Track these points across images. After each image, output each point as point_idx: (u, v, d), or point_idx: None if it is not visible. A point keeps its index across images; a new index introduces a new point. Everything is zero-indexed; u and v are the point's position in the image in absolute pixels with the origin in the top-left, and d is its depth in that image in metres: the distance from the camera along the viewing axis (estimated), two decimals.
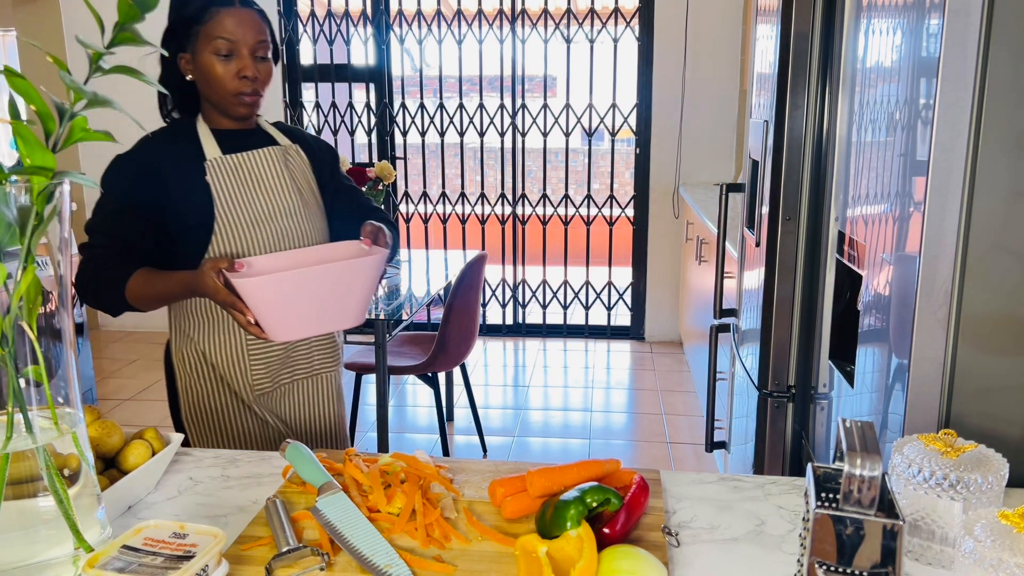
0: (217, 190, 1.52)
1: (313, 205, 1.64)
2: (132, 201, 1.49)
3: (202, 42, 1.47)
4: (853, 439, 0.80)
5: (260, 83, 1.51)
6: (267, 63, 1.52)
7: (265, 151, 1.59)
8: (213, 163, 1.53)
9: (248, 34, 1.47)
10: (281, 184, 1.58)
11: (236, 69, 1.47)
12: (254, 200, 1.55)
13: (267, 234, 1.55)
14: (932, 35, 1.12)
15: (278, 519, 1.00)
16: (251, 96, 1.51)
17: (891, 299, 1.25)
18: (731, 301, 2.41)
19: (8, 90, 0.84)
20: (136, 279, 1.46)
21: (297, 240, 1.59)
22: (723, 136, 4.73)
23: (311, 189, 1.65)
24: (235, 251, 1.52)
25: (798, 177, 1.76)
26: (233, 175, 1.54)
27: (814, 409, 1.77)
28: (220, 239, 1.51)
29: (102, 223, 1.51)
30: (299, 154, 1.65)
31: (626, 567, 0.86)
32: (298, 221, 1.59)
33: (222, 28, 1.46)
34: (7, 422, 0.87)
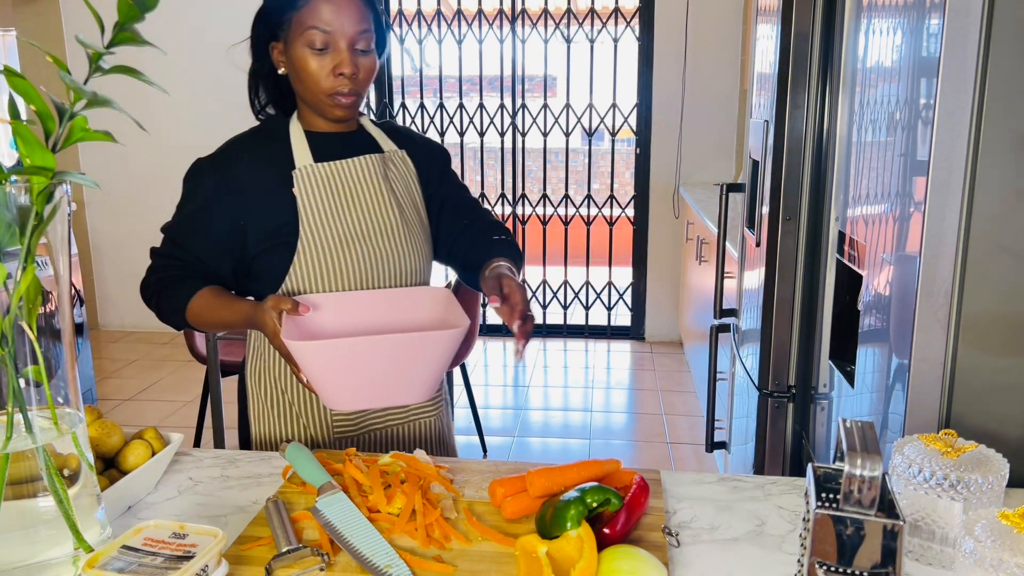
0: (304, 204, 1.33)
1: (415, 222, 1.43)
2: (206, 215, 1.35)
3: (294, 31, 1.29)
4: (853, 439, 0.80)
5: (359, 81, 1.31)
6: (369, 56, 1.31)
7: (363, 160, 1.38)
8: (302, 172, 1.34)
9: (347, 23, 1.27)
10: (378, 198, 1.38)
11: (332, 65, 1.28)
12: (346, 217, 1.35)
13: (358, 256, 1.35)
14: (932, 35, 1.11)
15: (278, 519, 1.00)
16: (347, 96, 1.31)
17: (891, 299, 1.25)
18: (731, 301, 2.41)
19: (8, 90, 0.84)
20: (199, 300, 1.32)
21: (392, 264, 1.38)
22: (723, 136, 4.73)
23: (414, 203, 1.44)
24: (319, 275, 1.33)
25: (798, 177, 1.76)
26: (324, 187, 1.35)
27: (814, 409, 1.77)
28: (303, 261, 1.33)
29: (175, 230, 1.38)
30: (404, 161, 1.45)
31: (626, 567, 0.86)
32: (395, 242, 1.38)
33: (316, 16, 1.26)
34: (7, 422, 0.87)
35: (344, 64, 1.28)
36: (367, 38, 1.30)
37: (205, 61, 4.91)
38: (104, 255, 5.27)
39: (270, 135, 1.39)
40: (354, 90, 1.31)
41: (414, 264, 1.42)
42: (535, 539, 0.91)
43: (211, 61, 4.92)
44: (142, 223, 5.18)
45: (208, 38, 4.89)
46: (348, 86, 1.30)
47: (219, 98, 4.97)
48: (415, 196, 1.45)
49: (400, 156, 1.45)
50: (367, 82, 1.33)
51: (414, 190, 1.45)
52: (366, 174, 1.38)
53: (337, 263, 1.34)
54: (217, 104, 4.98)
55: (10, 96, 0.84)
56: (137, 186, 5.11)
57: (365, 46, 1.30)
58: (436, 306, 1.32)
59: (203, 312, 1.32)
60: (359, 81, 1.31)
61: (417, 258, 1.42)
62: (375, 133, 1.45)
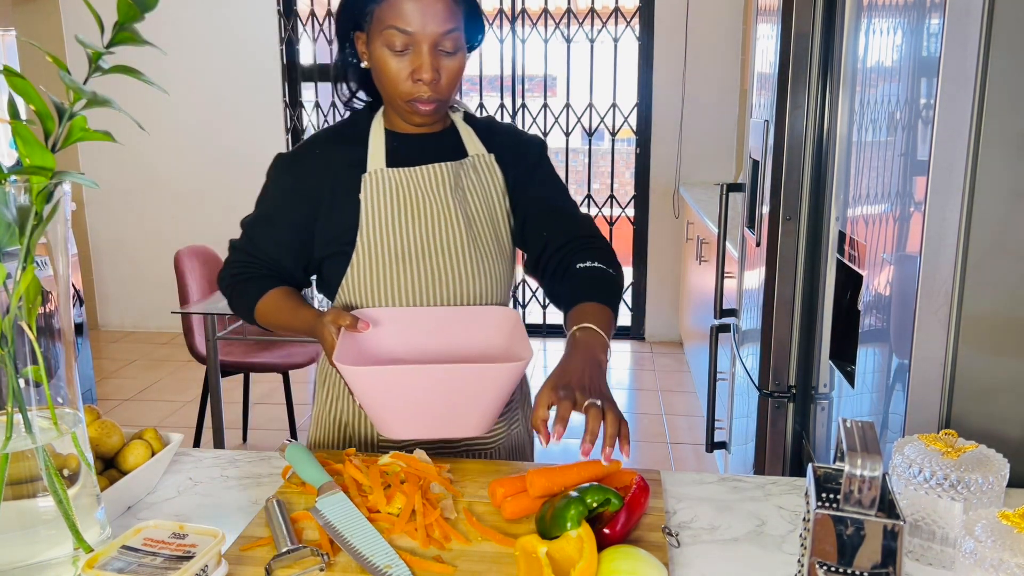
0: (367, 212, 1.25)
1: (487, 240, 1.30)
2: (279, 214, 1.30)
3: (375, 26, 1.18)
4: (854, 439, 0.80)
5: (441, 87, 1.20)
6: (455, 58, 1.19)
7: (435, 168, 1.27)
8: (371, 177, 1.26)
9: (431, 23, 1.14)
10: (443, 212, 1.26)
11: (411, 68, 1.17)
12: (407, 230, 1.25)
13: (414, 274, 1.26)
14: (933, 35, 1.11)
15: (278, 519, 0.99)
16: (427, 104, 1.20)
17: (891, 299, 1.25)
18: (731, 301, 2.41)
19: (8, 90, 0.84)
20: (267, 301, 1.29)
21: (452, 285, 1.28)
22: (723, 136, 4.73)
23: (491, 218, 1.31)
24: (371, 290, 1.27)
25: (798, 177, 1.76)
26: (390, 195, 1.25)
27: (814, 409, 1.77)
28: (356, 273, 1.27)
29: (252, 226, 1.33)
30: (489, 168, 1.32)
31: (626, 567, 0.86)
32: (457, 261, 1.27)
33: (397, 14, 1.14)
34: (7, 422, 0.87)
35: (424, 69, 1.17)
36: (454, 38, 1.18)
37: (205, 61, 4.91)
38: (104, 255, 5.27)
39: (351, 132, 1.31)
40: (434, 97, 1.20)
41: (480, 287, 1.29)
42: (535, 539, 0.91)
43: (211, 61, 4.92)
44: (142, 223, 5.19)
45: (208, 38, 4.90)
46: (428, 92, 1.19)
47: (219, 98, 4.97)
48: (495, 209, 1.32)
49: (486, 161, 1.32)
50: (451, 86, 1.22)
51: (495, 201, 1.32)
52: (434, 184, 1.27)
53: (391, 279, 1.26)
54: (217, 104, 4.99)
55: (10, 96, 0.84)
56: (137, 186, 5.11)
57: (451, 47, 1.18)
58: (501, 330, 1.24)
59: (270, 314, 1.30)
60: (440, 87, 1.20)
61: (484, 280, 1.30)
62: (464, 134, 1.33)
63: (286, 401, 3.48)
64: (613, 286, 1.23)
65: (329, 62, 4.91)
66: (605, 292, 1.21)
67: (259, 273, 1.32)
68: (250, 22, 4.87)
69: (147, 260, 5.19)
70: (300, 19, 4.91)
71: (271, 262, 1.32)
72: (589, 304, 1.18)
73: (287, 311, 1.28)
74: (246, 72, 4.92)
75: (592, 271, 1.23)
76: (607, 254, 1.27)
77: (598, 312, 1.16)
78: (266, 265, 1.32)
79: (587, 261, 1.24)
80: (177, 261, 3.22)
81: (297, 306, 1.28)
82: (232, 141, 5.00)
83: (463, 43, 1.20)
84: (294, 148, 1.32)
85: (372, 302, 1.29)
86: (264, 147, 5.01)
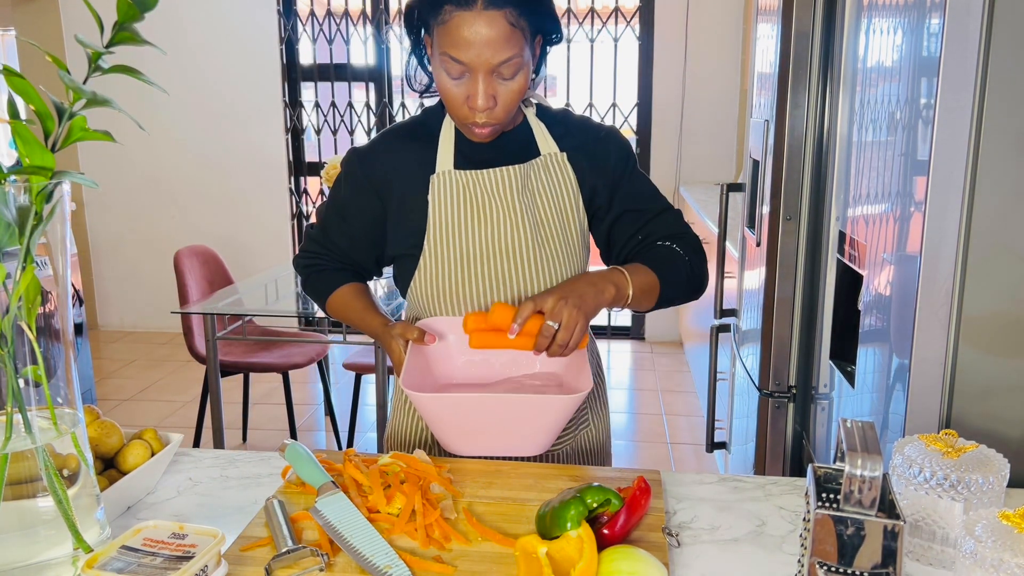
0: (435, 214, 1.24)
1: (555, 243, 1.27)
2: (350, 209, 1.30)
3: (436, 45, 1.14)
4: (854, 439, 0.80)
5: (496, 112, 1.16)
6: (513, 82, 1.15)
7: (502, 172, 1.24)
8: (440, 179, 1.24)
9: (485, 52, 1.09)
10: (510, 215, 1.24)
11: (467, 94, 1.14)
12: (472, 232, 1.24)
13: (478, 277, 1.25)
14: (933, 35, 1.11)
15: (277, 520, 0.99)
16: (482, 128, 1.18)
17: (892, 299, 1.25)
18: (731, 301, 2.41)
19: (7, 90, 0.84)
20: (338, 297, 1.33)
21: (516, 288, 1.26)
22: (723, 136, 4.73)
23: (562, 220, 1.28)
24: (438, 293, 1.27)
25: (799, 177, 1.76)
26: (457, 197, 1.24)
27: (815, 409, 1.77)
28: (424, 276, 1.27)
29: (326, 218, 1.34)
30: (562, 168, 1.28)
31: (626, 568, 0.86)
32: (522, 263, 1.25)
33: (451, 42, 1.10)
34: (6, 422, 0.87)
35: (476, 97, 1.13)
36: (514, 64, 1.12)
37: (205, 60, 4.91)
38: (103, 255, 5.27)
39: (421, 131, 1.29)
40: (488, 122, 1.17)
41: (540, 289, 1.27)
42: (535, 539, 0.91)
43: (211, 60, 4.92)
44: (142, 223, 5.19)
45: (208, 37, 4.89)
46: (483, 118, 1.16)
47: (219, 98, 4.97)
48: (566, 210, 1.28)
49: (558, 161, 1.28)
50: (508, 110, 1.17)
51: (566, 203, 1.28)
52: (501, 187, 1.25)
53: (457, 283, 1.26)
54: (217, 104, 4.99)
55: (9, 96, 0.84)
56: (136, 186, 5.11)
57: (509, 73, 1.13)
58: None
59: (339, 311, 1.35)
60: (496, 113, 1.16)
61: (550, 283, 1.27)
62: (538, 132, 1.29)
63: (286, 401, 3.48)
64: (674, 264, 1.23)
65: (329, 62, 4.93)
66: (661, 262, 1.22)
67: (332, 265, 1.36)
68: (250, 22, 4.87)
69: (147, 260, 5.19)
70: (300, 19, 4.91)
71: (343, 254, 1.35)
72: (640, 264, 1.21)
73: (356, 312, 1.32)
74: (246, 72, 4.92)
75: (663, 248, 1.26)
76: (690, 245, 1.28)
77: (642, 270, 1.18)
78: (338, 257, 1.35)
79: (666, 242, 1.27)
80: (177, 261, 3.22)
81: (365, 309, 1.32)
82: (232, 141, 5.00)
83: (525, 63, 1.15)
84: (368, 143, 1.32)
85: (439, 305, 1.29)
86: (264, 147, 5.02)
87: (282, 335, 3.42)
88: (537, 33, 1.18)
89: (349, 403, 3.48)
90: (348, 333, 2.97)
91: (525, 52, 1.14)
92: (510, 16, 1.09)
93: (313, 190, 5.19)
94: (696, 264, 1.27)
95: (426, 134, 1.29)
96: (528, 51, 1.15)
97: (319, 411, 3.97)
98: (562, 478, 1.15)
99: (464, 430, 1.15)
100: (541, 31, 1.19)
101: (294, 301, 3.16)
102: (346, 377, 4.23)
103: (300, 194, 5.15)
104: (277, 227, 5.12)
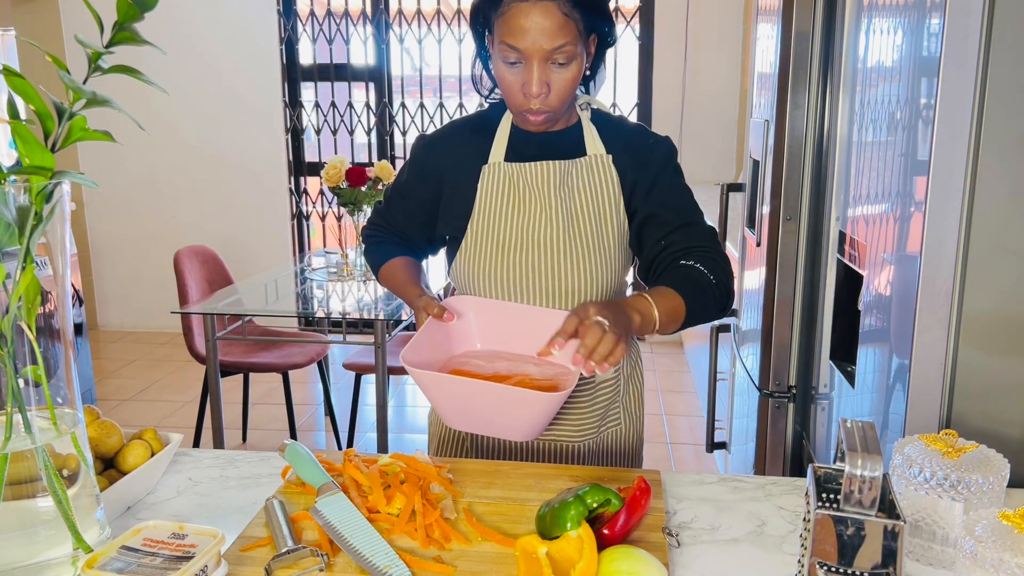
0: (480, 202, 1.32)
1: (588, 237, 1.30)
2: (410, 190, 1.41)
3: (496, 34, 1.21)
4: (854, 439, 0.80)
5: (551, 100, 1.22)
6: (568, 69, 1.20)
7: (543, 165, 1.30)
8: (490, 170, 1.32)
9: (540, 39, 1.16)
10: (545, 208, 1.30)
11: (522, 81, 1.20)
12: (510, 221, 1.31)
13: (511, 265, 1.31)
14: (933, 35, 1.11)
15: (277, 520, 0.99)
16: (536, 115, 1.24)
17: (892, 299, 1.25)
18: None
19: (8, 90, 0.84)
20: (389, 268, 1.43)
21: (545, 278, 1.31)
22: (724, 136, 4.73)
23: (597, 216, 1.31)
24: (474, 276, 1.34)
25: (799, 177, 1.76)
26: (502, 188, 1.32)
27: (815, 409, 1.77)
28: (464, 259, 1.34)
29: (390, 195, 1.46)
30: (605, 168, 1.31)
31: (626, 568, 0.86)
32: (553, 255, 1.30)
33: (509, 30, 1.17)
34: (6, 422, 0.87)
35: (531, 83, 1.19)
36: (567, 52, 1.18)
37: (205, 60, 4.91)
38: (103, 255, 5.27)
39: (483, 125, 1.37)
40: (543, 109, 1.23)
41: (575, 283, 1.31)
42: (535, 539, 0.91)
43: (211, 60, 4.92)
44: (142, 223, 5.19)
45: (208, 37, 4.89)
46: (537, 105, 1.22)
47: (219, 97, 4.97)
48: (607, 210, 1.31)
49: (602, 162, 1.31)
50: (563, 98, 1.23)
51: (607, 203, 1.31)
52: (540, 180, 1.30)
53: (492, 269, 1.32)
54: (217, 104, 4.99)
55: (9, 96, 0.84)
56: (136, 186, 5.11)
57: (564, 59, 1.19)
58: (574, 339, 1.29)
59: (387, 279, 1.45)
60: (550, 100, 1.22)
61: (580, 278, 1.31)
62: (588, 133, 1.34)
63: (286, 401, 3.48)
64: (700, 286, 1.20)
65: (329, 62, 4.93)
66: (686, 285, 1.19)
67: (390, 239, 1.47)
68: (250, 22, 4.87)
69: (147, 260, 5.19)
70: (300, 19, 4.91)
71: (400, 229, 1.46)
72: (664, 288, 1.19)
73: (400, 282, 1.41)
74: (246, 72, 4.92)
75: (687, 268, 1.23)
76: (715, 263, 1.24)
77: (667, 294, 1.17)
78: (396, 231, 1.46)
79: (689, 261, 1.24)
80: (177, 261, 3.22)
81: (408, 280, 1.40)
82: (232, 141, 5.00)
83: (579, 53, 1.20)
84: (437, 130, 1.42)
85: (475, 285, 1.36)
86: (264, 147, 5.02)
87: (282, 335, 3.42)
88: (591, 31, 1.23)
89: (349, 403, 3.48)
90: (348, 333, 2.97)
91: (578, 43, 1.20)
92: (563, 7, 1.17)
93: (313, 190, 5.18)
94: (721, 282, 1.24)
95: (486, 127, 1.36)
96: (581, 44, 1.21)
97: (319, 411, 3.97)
98: (562, 478, 1.15)
99: (454, 408, 1.20)
100: (595, 29, 1.24)
101: (294, 301, 3.15)
102: (346, 377, 4.23)
103: (300, 194, 5.15)
104: (277, 227, 5.12)
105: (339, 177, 3.18)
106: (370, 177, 3.23)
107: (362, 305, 3.02)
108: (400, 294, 1.43)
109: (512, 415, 1.15)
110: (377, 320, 2.79)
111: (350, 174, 3.17)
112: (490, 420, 1.20)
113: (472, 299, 1.34)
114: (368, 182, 3.23)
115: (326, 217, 5.12)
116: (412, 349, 1.20)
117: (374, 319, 2.80)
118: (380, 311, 2.82)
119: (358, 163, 4.04)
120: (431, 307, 1.27)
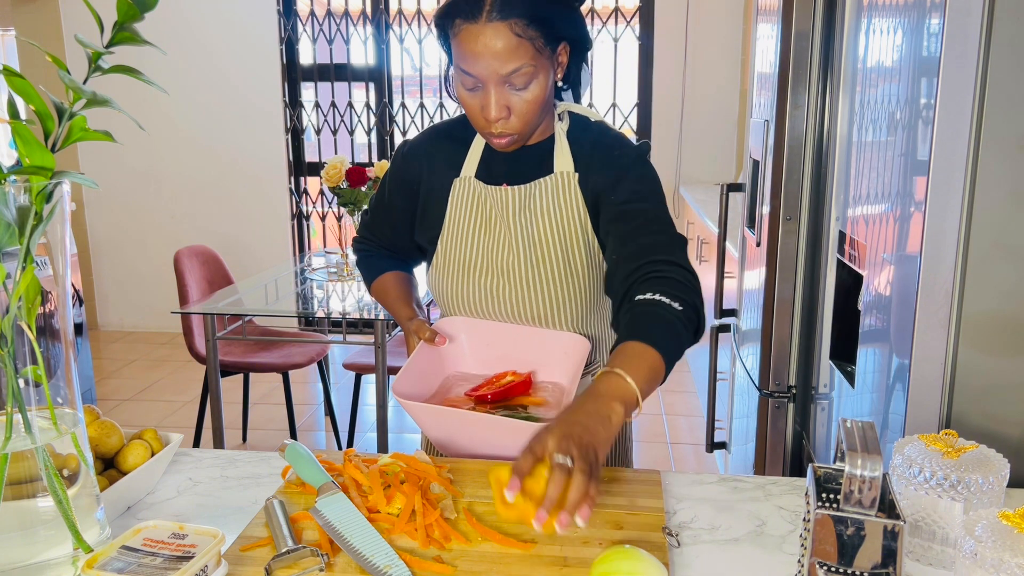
0: (450, 218, 1.28)
1: (552, 262, 1.24)
2: (392, 199, 1.37)
3: (453, 56, 1.15)
4: (854, 439, 0.80)
5: (512, 123, 1.17)
6: (527, 91, 1.14)
7: (503, 190, 1.26)
8: (460, 184, 1.28)
9: (493, 63, 1.10)
10: (507, 233, 1.26)
11: (481, 105, 1.15)
12: (476, 242, 1.27)
13: (476, 288, 1.28)
14: (933, 35, 1.11)
15: (277, 520, 0.99)
16: (499, 138, 1.19)
17: (892, 299, 1.25)
18: (731, 301, 2.41)
19: (8, 90, 0.84)
20: (380, 284, 1.42)
21: (509, 303, 1.27)
22: (723, 136, 4.73)
23: (562, 239, 1.24)
24: (443, 293, 1.32)
25: (799, 177, 1.76)
26: (470, 206, 1.28)
27: (815, 409, 1.77)
28: (435, 273, 1.32)
29: (374, 208, 1.43)
30: (569, 188, 1.24)
31: (626, 568, 0.86)
32: (514, 281, 1.26)
33: (461, 55, 1.12)
34: (6, 422, 0.87)
35: (490, 108, 1.14)
36: (525, 74, 1.12)
37: (205, 60, 4.91)
38: (103, 255, 5.27)
39: (460, 132, 1.32)
40: (504, 132, 1.18)
41: (539, 309, 1.26)
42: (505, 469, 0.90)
43: (211, 60, 4.92)
44: (142, 223, 5.19)
45: (208, 37, 4.89)
46: (498, 129, 1.17)
47: (219, 97, 4.97)
48: (573, 232, 1.24)
49: (567, 180, 1.24)
50: (528, 119, 1.17)
51: (570, 224, 1.24)
52: (501, 205, 1.26)
53: (458, 289, 1.30)
54: (217, 103, 4.99)
55: (9, 96, 0.84)
56: (136, 186, 5.11)
57: (521, 83, 1.13)
58: (568, 359, 1.26)
59: (379, 296, 1.44)
60: (511, 123, 1.16)
61: (544, 304, 1.26)
62: (559, 147, 1.26)
63: (286, 401, 3.48)
64: (668, 323, 1.05)
65: (329, 62, 4.93)
66: (655, 330, 1.04)
67: (378, 252, 1.46)
68: (250, 22, 4.87)
69: (147, 260, 5.19)
70: (300, 19, 4.91)
71: (387, 240, 1.44)
72: (632, 344, 1.02)
73: (390, 301, 1.41)
74: (246, 72, 4.92)
75: (648, 305, 1.07)
76: (676, 284, 1.10)
77: (638, 355, 1.01)
78: (383, 243, 1.44)
79: (647, 292, 1.08)
80: (177, 261, 3.22)
81: (398, 299, 1.40)
82: (232, 141, 5.00)
83: (539, 72, 1.14)
84: (413, 138, 1.38)
85: (447, 302, 1.35)
86: (264, 147, 5.02)
87: (282, 335, 3.42)
88: (559, 41, 1.16)
89: (349, 403, 3.48)
90: (348, 333, 2.97)
91: (538, 61, 1.13)
92: (516, 27, 1.09)
93: (313, 190, 5.19)
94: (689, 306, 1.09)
95: (462, 135, 1.32)
96: (545, 59, 1.14)
97: (319, 411, 3.97)
98: None
99: (443, 437, 1.22)
100: (564, 38, 1.17)
101: (294, 301, 3.16)
102: (346, 377, 4.23)
103: (300, 194, 5.15)
104: (277, 227, 5.12)
105: (339, 177, 3.18)
106: (370, 177, 3.23)
107: (362, 305, 3.02)
108: (391, 313, 1.42)
109: (504, 443, 1.16)
110: (377, 320, 2.79)
111: (350, 174, 3.17)
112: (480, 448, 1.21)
113: (463, 320, 1.33)
114: (368, 182, 3.23)
115: (326, 217, 5.12)
116: (404, 378, 1.20)
117: (374, 319, 2.80)
118: (380, 311, 2.82)
119: (358, 163, 4.04)
120: (422, 331, 1.26)
